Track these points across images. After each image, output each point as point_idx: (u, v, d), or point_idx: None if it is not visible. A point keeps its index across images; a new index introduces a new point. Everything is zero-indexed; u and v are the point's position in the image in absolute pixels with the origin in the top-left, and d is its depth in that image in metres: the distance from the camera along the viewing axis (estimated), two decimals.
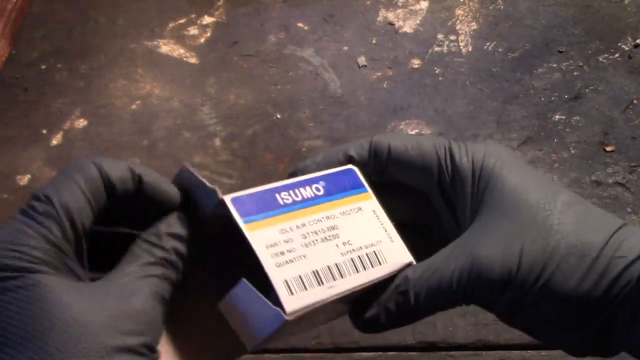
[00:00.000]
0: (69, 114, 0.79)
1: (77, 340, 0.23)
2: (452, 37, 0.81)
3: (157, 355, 0.26)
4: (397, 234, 0.32)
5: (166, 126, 0.77)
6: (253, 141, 0.74)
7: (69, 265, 0.26)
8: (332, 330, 0.59)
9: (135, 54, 0.85)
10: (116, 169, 0.27)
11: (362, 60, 0.80)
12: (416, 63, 0.79)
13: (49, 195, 0.26)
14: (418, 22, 0.84)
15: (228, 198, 0.29)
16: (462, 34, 0.82)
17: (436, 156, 0.32)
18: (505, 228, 0.29)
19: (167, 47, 0.85)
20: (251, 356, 0.58)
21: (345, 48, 0.82)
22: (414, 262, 0.31)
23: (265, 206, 0.30)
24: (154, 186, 0.28)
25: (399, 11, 0.85)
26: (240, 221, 0.28)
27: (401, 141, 0.33)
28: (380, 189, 0.33)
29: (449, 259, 0.29)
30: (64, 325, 0.23)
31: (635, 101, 0.73)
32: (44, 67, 0.84)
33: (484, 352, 0.57)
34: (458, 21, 0.83)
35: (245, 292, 0.27)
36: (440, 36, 0.82)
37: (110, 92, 0.81)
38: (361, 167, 0.33)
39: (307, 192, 0.31)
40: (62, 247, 0.25)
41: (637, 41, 0.78)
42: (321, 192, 0.32)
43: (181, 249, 0.28)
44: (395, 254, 0.31)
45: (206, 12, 0.88)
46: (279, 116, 0.76)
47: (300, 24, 0.85)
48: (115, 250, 0.28)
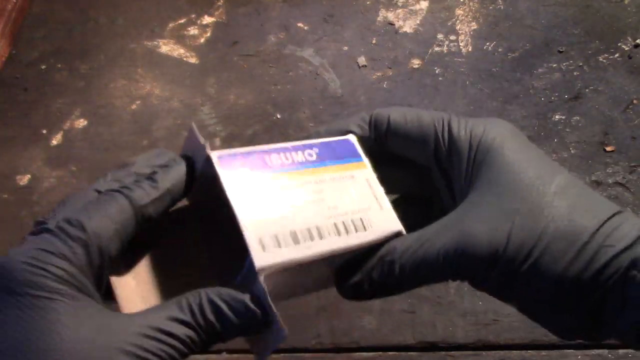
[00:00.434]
0: (69, 114, 0.79)
1: None
2: (452, 37, 0.81)
3: None
4: (389, 203, 0.31)
5: (166, 126, 0.77)
6: (253, 141, 0.74)
7: (88, 292, 0.25)
8: (332, 330, 0.59)
9: (135, 54, 0.85)
10: (146, 198, 0.27)
11: (362, 60, 0.80)
12: (416, 63, 0.79)
13: (81, 221, 0.25)
14: (418, 22, 0.83)
15: (215, 154, 0.28)
16: (462, 34, 0.82)
17: (434, 129, 0.32)
18: (496, 206, 0.28)
19: (167, 47, 0.85)
20: (249, 356, 0.58)
21: (345, 48, 0.82)
22: (404, 232, 0.30)
23: (252, 166, 0.29)
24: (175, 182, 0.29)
25: (399, 11, 0.85)
26: (222, 174, 0.28)
27: (401, 114, 0.33)
28: (382, 162, 0.33)
29: (439, 233, 0.29)
30: (58, 356, 0.23)
31: (635, 101, 0.73)
32: (44, 67, 0.84)
33: (484, 352, 0.57)
34: (458, 21, 0.83)
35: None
36: (440, 36, 0.82)
37: (110, 92, 0.81)
38: (362, 140, 0.33)
39: (299, 157, 0.31)
40: (85, 273, 0.25)
41: (637, 41, 0.78)
42: (313, 157, 0.31)
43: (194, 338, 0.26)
44: (383, 222, 0.30)
45: (206, 12, 0.88)
46: (279, 116, 0.76)
47: (300, 24, 0.85)
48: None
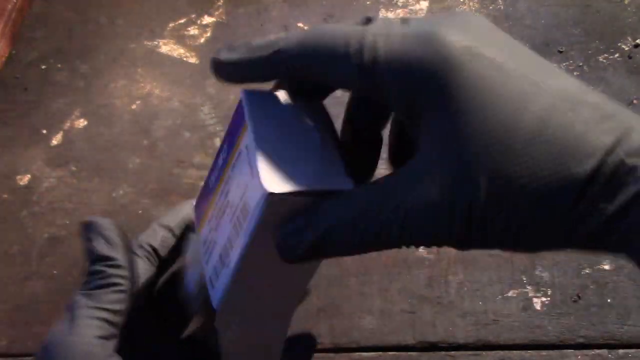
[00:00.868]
0: (69, 114, 0.79)
1: None
2: None
3: None
4: (260, 165, 0.25)
5: (166, 126, 0.77)
6: None
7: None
8: (332, 330, 0.59)
9: (135, 54, 0.84)
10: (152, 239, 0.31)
11: None
12: None
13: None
14: None
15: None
16: None
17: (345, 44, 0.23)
18: (448, 174, 0.21)
19: (167, 47, 0.85)
20: None
21: None
22: (277, 188, 0.24)
23: (206, 199, 0.29)
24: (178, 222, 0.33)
25: (399, 11, 0.85)
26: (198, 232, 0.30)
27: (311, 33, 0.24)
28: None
29: (380, 206, 0.22)
30: None
31: (635, 101, 0.73)
32: (44, 67, 0.84)
33: (483, 352, 0.57)
34: None
35: None
36: None
37: (110, 92, 0.81)
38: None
39: (219, 162, 0.29)
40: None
41: (637, 41, 0.78)
42: (224, 154, 0.29)
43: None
44: (256, 192, 0.24)
45: (206, 12, 0.88)
46: None
47: (300, 24, 0.85)
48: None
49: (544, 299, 0.59)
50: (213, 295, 0.26)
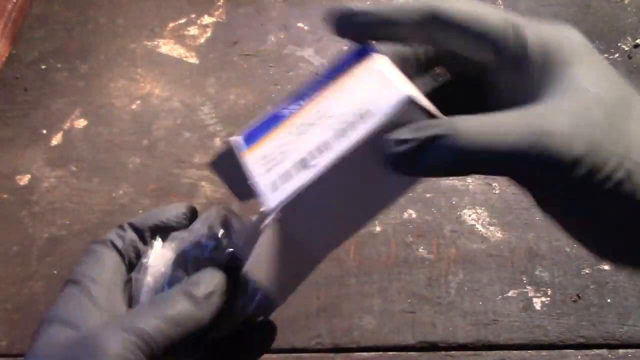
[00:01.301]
0: (69, 114, 0.79)
1: None
2: None
3: None
4: (401, 78, 0.27)
5: (166, 126, 0.77)
6: None
7: (87, 322, 0.29)
8: (332, 330, 0.59)
9: (135, 54, 0.84)
10: (111, 235, 0.33)
11: None
12: None
13: (73, 278, 0.32)
14: None
15: (236, 139, 0.31)
16: None
17: (501, 29, 0.28)
18: (580, 112, 0.23)
19: (167, 47, 0.85)
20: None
21: (345, 48, 0.82)
22: (416, 98, 0.25)
23: (268, 125, 0.30)
24: (145, 221, 0.34)
25: None
26: (240, 154, 0.30)
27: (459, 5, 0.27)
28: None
29: (514, 121, 0.24)
30: None
31: None
32: (44, 67, 0.84)
33: (483, 352, 0.57)
34: None
35: None
36: None
37: (110, 92, 0.81)
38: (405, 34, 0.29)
39: (309, 91, 0.30)
40: (83, 306, 0.30)
41: (637, 41, 0.78)
42: (319, 77, 0.30)
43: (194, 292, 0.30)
44: (390, 96, 0.26)
45: (206, 12, 0.88)
46: None
47: (300, 24, 0.85)
48: None
49: (544, 299, 0.59)
50: (270, 198, 0.26)
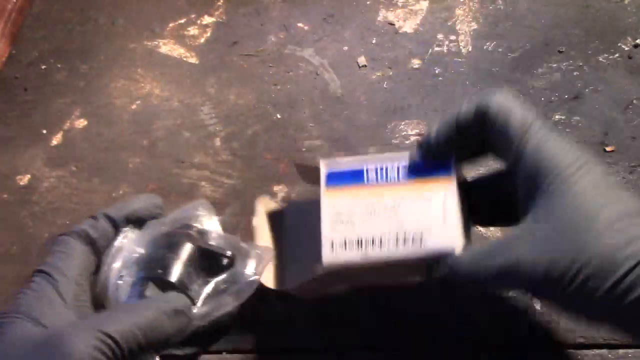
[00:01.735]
0: (69, 114, 0.79)
1: None
2: (452, 37, 0.81)
3: None
4: (458, 220, 0.36)
5: (166, 126, 0.77)
6: (253, 141, 0.74)
7: (54, 316, 0.30)
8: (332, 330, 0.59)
9: (135, 54, 0.85)
10: (85, 225, 0.34)
11: (362, 60, 0.80)
12: (416, 63, 0.79)
13: (41, 268, 0.32)
14: (418, 22, 0.84)
15: (324, 166, 0.38)
16: (462, 34, 0.82)
17: (523, 132, 0.33)
18: (547, 239, 0.30)
19: (167, 47, 0.85)
20: (249, 355, 0.58)
21: (345, 48, 0.82)
22: (456, 251, 0.34)
23: (350, 177, 0.37)
24: (118, 210, 0.34)
25: (399, 11, 0.85)
26: (324, 187, 0.38)
27: (506, 106, 0.34)
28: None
29: (493, 256, 0.32)
30: None
31: (635, 101, 0.73)
32: (44, 67, 0.84)
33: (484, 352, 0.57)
34: (458, 21, 0.83)
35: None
36: (440, 36, 0.82)
37: (110, 92, 0.81)
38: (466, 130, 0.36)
39: (391, 171, 0.37)
40: (48, 299, 0.31)
41: (637, 41, 0.78)
42: (400, 173, 0.37)
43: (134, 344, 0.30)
44: (441, 239, 0.35)
45: (206, 12, 0.88)
46: (279, 116, 0.76)
47: (300, 24, 0.85)
48: None
49: None
50: (326, 254, 0.35)
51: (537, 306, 0.58)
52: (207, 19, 0.87)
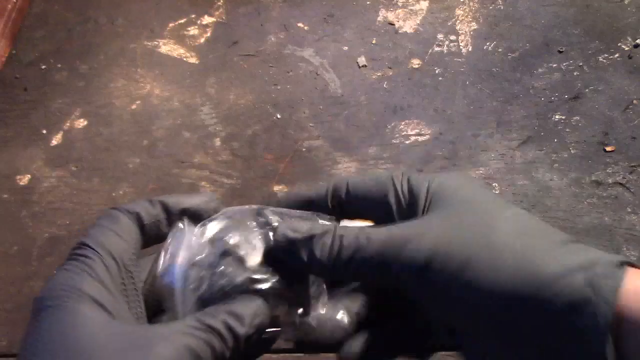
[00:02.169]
0: (69, 114, 0.79)
1: None
2: (452, 37, 0.81)
3: None
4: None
5: (166, 126, 0.77)
6: (253, 141, 0.74)
7: (114, 305, 0.27)
8: None
9: (135, 54, 0.84)
10: (138, 207, 0.30)
11: (362, 60, 0.80)
12: (416, 63, 0.79)
13: (88, 243, 0.28)
14: (418, 22, 0.83)
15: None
16: (462, 34, 0.82)
17: (391, 181, 0.33)
18: (441, 221, 0.29)
19: (167, 47, 0.85)
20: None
21: (345, 48, 0.82)
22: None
23: None
24: (176, 202, 0.31)
25: (399, 11, 0.85)
26: None
27: (357, 178, 0.34)
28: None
29: (380, 237, 0.29)
30: (75, 354, 0.24)
31: (635, 101, 0.73)
32: (44, 67, 0.84)
33: None
34: (458, 21, 0.83)
35: None
36: (440, 36, 0.82)
37: (110, 92, 0.81)
38: (320, 206, 0.34)
39: None
40: (105, 283, 0.27)
41: (637, 41, 0.78)
42: None
43: (237, 328, 0.28)
44: None
45: (206, 12, 0.88)
46: (279, 116, 0.76)
47: (300, 24, 0.85)
48: None
49: None
50: None
51: None
52: (207, 19, 0.87)
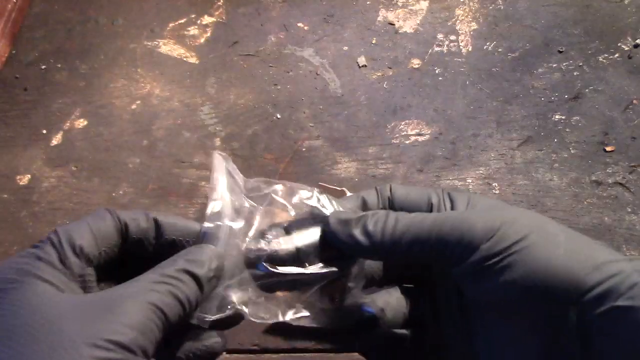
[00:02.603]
0: (69, 114, 0.79)
1: (50, 344, 0.24)
2: (452, 37, 0.81)
3: None
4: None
5: (166, 126, 0.77)
6: (253, 141, 0.74)
7: (67, 285, 0.28)
8: (332, 330, 0.59)
9: (135, 54, 0.84)
10: (130, 217, 0.31)
11: (362, 60, 0.80)
12: (416, 63, 0.79)
13: (57, 230, 0.30)
14: (418, 22, 0.83)
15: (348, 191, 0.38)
16: (462, 34, 0.82)
17: (432, 189, 0.36)
18: (487, 213, 0.32)
19: (167, 47, 0.85)
20: (250, 356, 0.58)
21: (345, 48, 0.82)
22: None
23: None
24: (171, 224, 0.31)
25: (399, 11, 0.85)
26: None
27: (400, 185, 0.38)
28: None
29: (431, 218, 0.33)
30: (39, 328, 0.25)
31: (635, 101, 0.73)
32: (44, 67, 0.84)
33: None
34: (458, 21, 0.83)
35: None
36: (440, 36, 0.82)
37: (110, 92, 0.81)
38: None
39: None
40: (55, 265, 0.29)
41: (637, 41, 0.78)
42: None
43: (196, 270, 0.28)
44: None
45: (206, 12, 0.88)
46: (279, 116, 0.76)
47: (300, 24, 0.85)
48: None
49: None
50: None
51: None
52: (207, 19, 0.87)
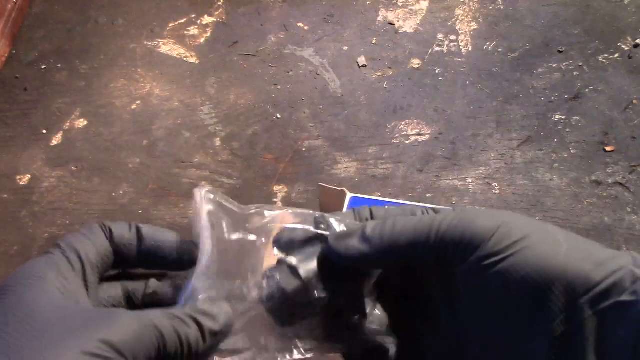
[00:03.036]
0: (69, 114, 0.79)
1: (40, 337, 0.26)
2: (452, 37, 0.81)
3: None
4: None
5: (166, 126, 0.77)
6: (253, 141, 0.74)
7: (75, 294, 0.29)
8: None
9: (135, 54, 0.84)
10: (114, 227, 0.33)
11: (362, 60, 0.80)
12: (416, 63, 0.79)
13: (59, 243, 0.31)
14: (418, 22, 0.83)
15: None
16: (462, 34, 0.82)
17: (417, 209, 0.32)
18: (487, 215, 0.29)
19: (167, 47, 0.85)
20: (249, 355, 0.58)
21: (345, 48, 0.82)
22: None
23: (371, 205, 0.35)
24: (151, 233, 0.33)
25: (399, 11, 0.85)
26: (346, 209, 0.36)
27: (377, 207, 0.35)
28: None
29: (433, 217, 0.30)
30: (33, 324, 0.26)
31: (635, 101, 0.73)
32: (44, 67, 0.84)
33: None
34: (458, 21, 0.83)
35: None
36: (440, 36, 0.82)
37: (110, 92, 0.81)
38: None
39: None
40: (65, 275, 0.30)
41: (637, 41, 0.78)
42: None
43: (203, 320, 0.30)
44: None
45: (206, 12, 0.88)
46: (279, 116, 0.76)
47: (300, 24, 0.85)
48: None
49: None
50: None
51: None
52: (207, 19, 0.87)
